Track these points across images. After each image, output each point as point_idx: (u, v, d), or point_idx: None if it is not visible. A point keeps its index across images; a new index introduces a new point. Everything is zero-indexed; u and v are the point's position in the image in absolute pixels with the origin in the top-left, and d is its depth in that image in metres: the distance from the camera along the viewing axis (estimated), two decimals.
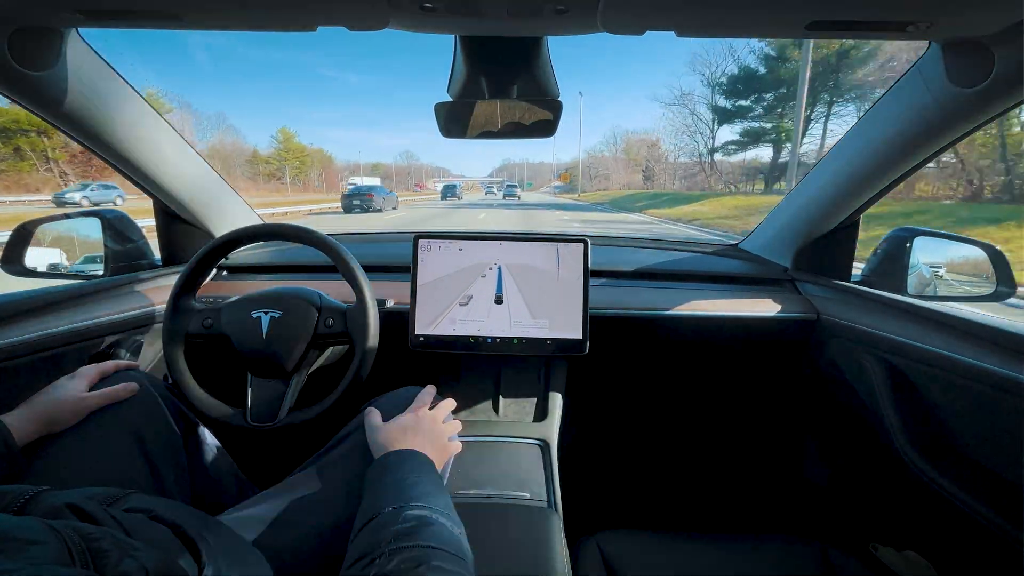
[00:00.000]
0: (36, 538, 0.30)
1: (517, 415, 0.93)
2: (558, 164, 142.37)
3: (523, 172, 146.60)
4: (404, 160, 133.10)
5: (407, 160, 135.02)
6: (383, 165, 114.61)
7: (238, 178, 50.95)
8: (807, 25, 0.58)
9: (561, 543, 0.65)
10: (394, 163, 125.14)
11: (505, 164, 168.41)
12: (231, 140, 60.37)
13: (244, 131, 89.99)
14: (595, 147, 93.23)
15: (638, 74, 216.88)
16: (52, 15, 0.64)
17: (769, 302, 1.05)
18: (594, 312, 0.92)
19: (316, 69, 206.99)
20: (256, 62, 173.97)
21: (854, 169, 0.90)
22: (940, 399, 0.78)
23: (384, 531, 0.44)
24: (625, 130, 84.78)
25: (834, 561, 0.73)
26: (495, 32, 0.68)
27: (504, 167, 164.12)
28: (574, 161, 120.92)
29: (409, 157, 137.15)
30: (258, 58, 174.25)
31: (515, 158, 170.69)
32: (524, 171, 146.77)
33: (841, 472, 1.04)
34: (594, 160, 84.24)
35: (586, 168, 79.21)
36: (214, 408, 0.76)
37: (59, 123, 0.80)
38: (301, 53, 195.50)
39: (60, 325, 0.78)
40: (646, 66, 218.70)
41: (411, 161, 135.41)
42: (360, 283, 0.78)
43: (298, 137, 65.42)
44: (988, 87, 0.64)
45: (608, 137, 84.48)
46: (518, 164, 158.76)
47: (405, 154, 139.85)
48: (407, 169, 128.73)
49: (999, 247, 0.94)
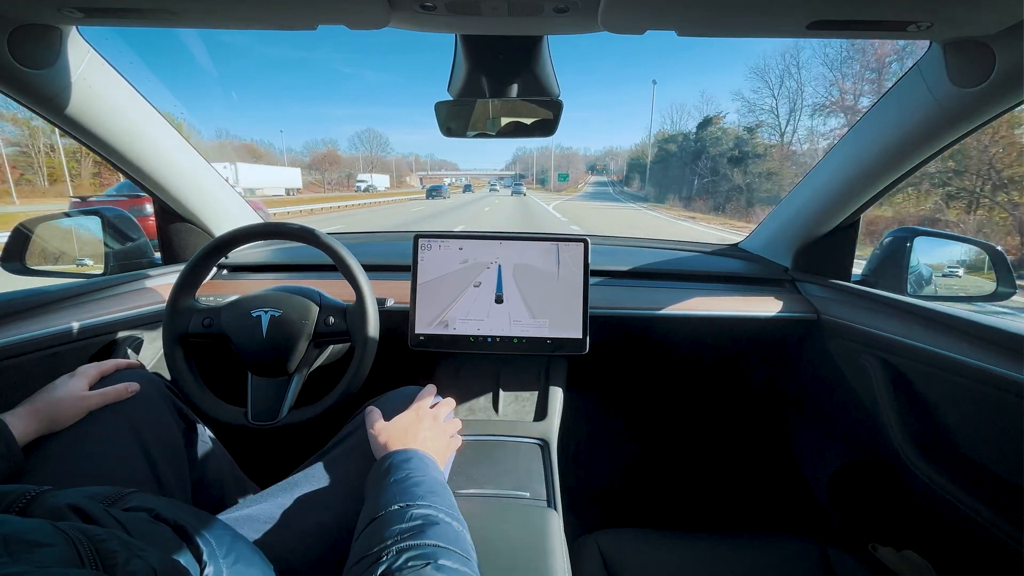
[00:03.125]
0: (44, 540, 0.30)
1: (517, 414, 0.93)
2: (589, 156, 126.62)
3: (548, 161, 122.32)
4: (413, 155, 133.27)
5: (418, 155, 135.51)
6: (384, 159, 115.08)
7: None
8: (808, 25, 0.58)
9: (561, 542, 0.65)
10: (395, 157, 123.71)
11: (518, 157, 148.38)
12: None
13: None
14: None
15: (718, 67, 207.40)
16: (52, 13, 0.63)
17: (769, 302, 1.05)
18: (594, 312, 0.92)
19: (332, 65, 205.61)
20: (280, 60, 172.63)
21: (854, 169, 0.90)
22: (940, 399, 0.78)
23: (389, 530, 0.44)
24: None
25: (833, 561, 0.73)
26: (495, 31, 0.68)
27: (517, 159, 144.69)
28: (620, 151, 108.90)
29: (431, 156, 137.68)
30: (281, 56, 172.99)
31: (531, 147, 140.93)
32: (551, 160, 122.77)
33: (840, 471, 1.04)
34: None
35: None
36: (215, 407, 0.76)
37: (59, 121, 0.80)
38: (317, 51, 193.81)
39: (60, 324, 0.78)
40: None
41: (422, 156, 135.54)
42: (360, 282, 0.78)
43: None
44: (989, 87, 0.64)
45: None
46: (537, 153, 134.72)
47: (429, 155, 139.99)
48: (408, 163, 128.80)
49: (1000, 247, 0.94)
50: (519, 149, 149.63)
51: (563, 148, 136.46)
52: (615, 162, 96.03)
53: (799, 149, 33.26)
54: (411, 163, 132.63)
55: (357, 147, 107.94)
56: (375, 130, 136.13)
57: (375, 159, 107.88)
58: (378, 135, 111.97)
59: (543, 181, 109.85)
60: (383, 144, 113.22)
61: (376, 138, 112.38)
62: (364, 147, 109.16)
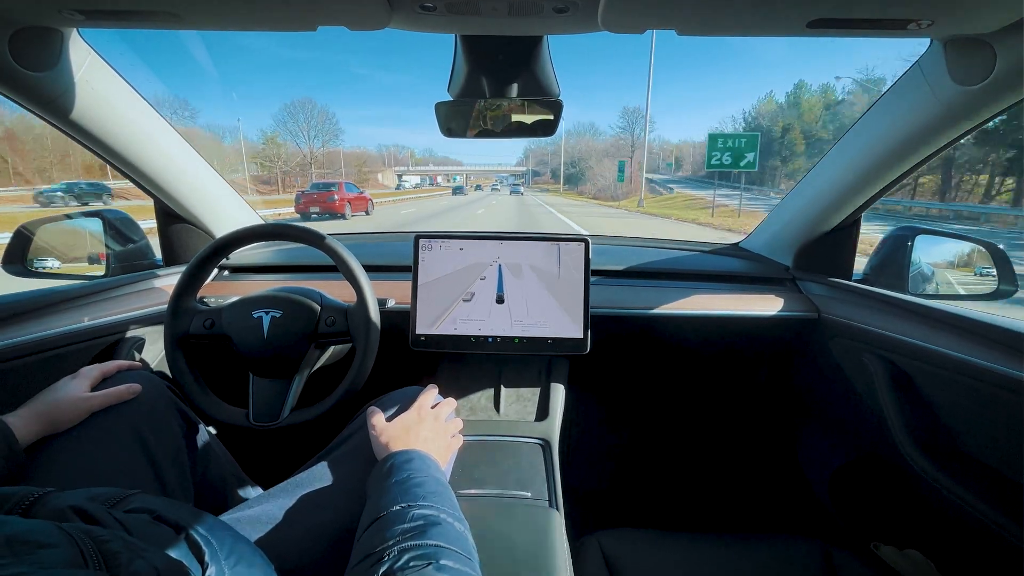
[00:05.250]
0: (47, 541, 0.30)
1: (518, 414, 0.93)
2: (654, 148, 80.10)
3: (586, 147, 79.41)
4: (392, 147, 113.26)
5: (412, 151, 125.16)
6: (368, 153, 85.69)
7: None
8: (808, 23, 0.58)
9: (562, 542, 0.65)
10: (364, 150, 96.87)
11: (530, 151, 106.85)
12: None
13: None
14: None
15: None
16: (53, 15, 0.64)
17: (770, 301, 1.05)
18: (595, 311, 0.92)
19: (350, 68, 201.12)
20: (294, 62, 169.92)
21: (855, 167, 0.90)
22: (941, 397, 0.78)
23: (392, 530, 0.44)
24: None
25: (835, 560, 0.73)
26: (495, 31, 0.68)
27: (529, 153, 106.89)
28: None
29: (429, 151, 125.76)
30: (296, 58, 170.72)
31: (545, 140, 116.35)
32: (578, 149, 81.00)
33: (842, 471, 1.04)
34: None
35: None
36: (216, 408, 0.76)
37: (60, 123, 0.80)
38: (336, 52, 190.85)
39: (62, 325, 0.78)
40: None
41: (418, 152, 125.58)
42: (361, 283, 0.78)
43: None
44: (990, 84, 0.64)
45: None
46: (551, 148, 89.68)
47: (427, 150, 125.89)
48: (382, 157, 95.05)
49: (1002, 245, 0.94)
50: (533, 141, 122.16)
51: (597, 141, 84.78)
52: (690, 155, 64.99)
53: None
54: (385, 157, 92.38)
55: (287, 125, 57.47)
56: (312, 102, 72.03)
57: (326, 153, 59.23)
58: (323, 112, 60.12)
59: (575, 180, 70.29)
60: (330, 125, 60.31)
61: (309, 111, 58.76)
62: (291, 129, 58.02)
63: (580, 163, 75.69)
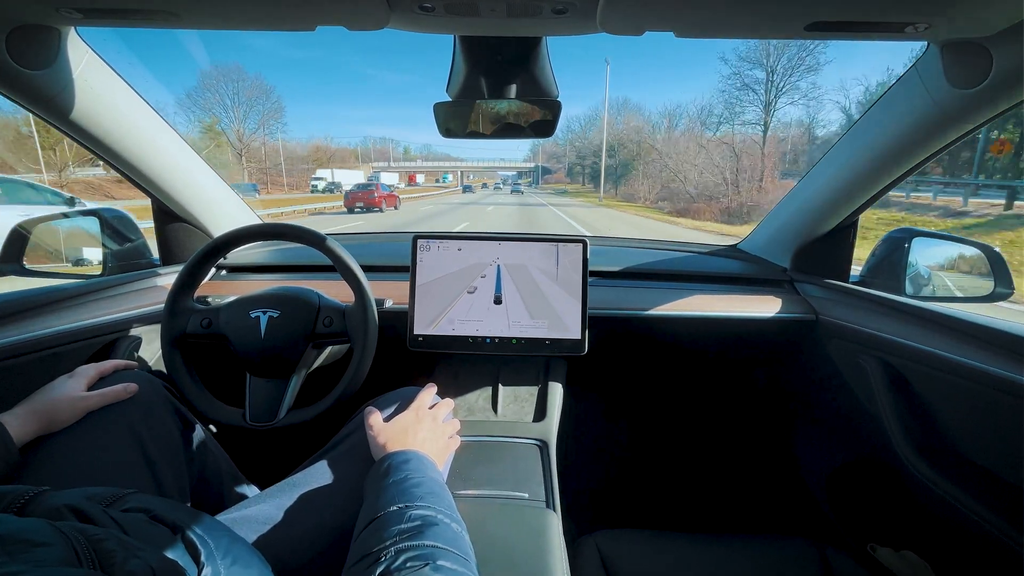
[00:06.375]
0: (42, 540, 0.30)
1: (516, 415, 0.93)
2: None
3: (624, 135, 44.55)
4: (368, 140, 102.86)
5: (424, 151, 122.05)
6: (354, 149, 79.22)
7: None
8: (806, 26, 0.59)
9: (559, 542, 0.65)
10: (333, 144, 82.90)
11: (539, 145, 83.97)
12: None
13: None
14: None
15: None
16: (51, 14, 0.63)
17: (768, 302, 1.05)
18: (593, 312, 0.92)
19: (358, 68, 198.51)
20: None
21: (852, 170, 0.91)
22: (938, 400, 0.78)
23: (388, 530, 0.44)
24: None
25: (832, 561, 0.73)
26: (494, 32, 0.68)
27: (539, 147, 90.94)
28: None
29: (427, 148, 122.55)
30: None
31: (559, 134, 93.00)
32: (625, 132, 44.82)
33: (839, 472, 1.04)
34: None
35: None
36: (213, 408, 0.76)
37: (57, 122, 0.79)
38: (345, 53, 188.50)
39: (59, 324, 0.78)
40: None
41: (414, 149, 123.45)
42: (359, 283, 0.78)
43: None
44: (986, 88, 0.64)
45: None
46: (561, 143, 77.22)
47: (425, 146, 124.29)
48: (354, 153, 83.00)
49: (997, 248, 0.94)
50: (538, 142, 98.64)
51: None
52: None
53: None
54: (359, 153, 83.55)
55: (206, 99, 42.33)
56: (242, 70, 56.82)
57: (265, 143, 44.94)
58: (257, 86, 44.36)
59: (614, 177, 44.72)
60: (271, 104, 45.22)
61: (237, 82, 43.16)
62: (212, 106, 43.00)
63: (634, 152, 41.93)
